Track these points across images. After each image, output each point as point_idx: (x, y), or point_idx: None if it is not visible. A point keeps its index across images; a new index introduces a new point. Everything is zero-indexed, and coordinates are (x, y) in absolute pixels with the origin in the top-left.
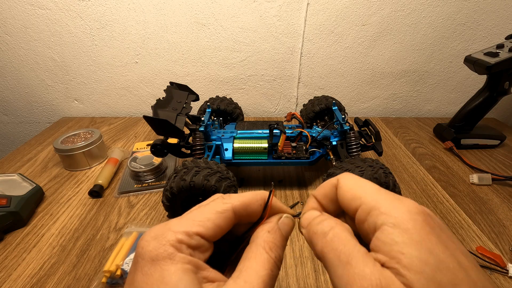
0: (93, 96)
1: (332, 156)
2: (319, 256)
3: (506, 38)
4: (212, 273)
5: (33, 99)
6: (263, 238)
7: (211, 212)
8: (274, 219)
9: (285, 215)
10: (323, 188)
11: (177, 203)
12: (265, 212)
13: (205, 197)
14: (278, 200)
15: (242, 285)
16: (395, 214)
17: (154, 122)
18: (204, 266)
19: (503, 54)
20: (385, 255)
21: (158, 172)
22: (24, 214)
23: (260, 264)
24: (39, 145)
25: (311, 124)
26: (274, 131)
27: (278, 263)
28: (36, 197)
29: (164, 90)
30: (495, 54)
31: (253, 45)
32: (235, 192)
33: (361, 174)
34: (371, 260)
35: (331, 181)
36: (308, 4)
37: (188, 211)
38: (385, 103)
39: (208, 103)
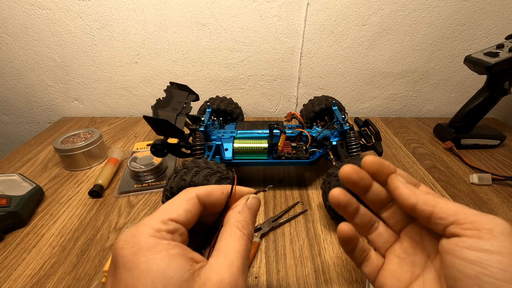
0: (93, 96)
1: (332, 156)
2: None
3: (506, 38)
4: (195, 255)
5: (33, 99)
6: (235, 218)
7: (179, 201)
8: (242, 201)
9: (251, 195)
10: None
11: None
12: (232, 197)
13: None
14: (239, 186)
15: (223, 261)
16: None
17: (154, 122)
18: (187, 249)
19: (503, 54)
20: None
21: (158, 172)
22: (24, 214)
23: (235, 240)
24: (39, 145)
25: (311, 124)
26: (274, 131)
27: (250, 237)
28: (36, 197)
29: (164, 90)
30: (495, 54)
31: (253, 45)
32: None
33: None
34: None
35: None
36: (308, 4)
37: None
38: (385, 103)
39: (208, 103)
